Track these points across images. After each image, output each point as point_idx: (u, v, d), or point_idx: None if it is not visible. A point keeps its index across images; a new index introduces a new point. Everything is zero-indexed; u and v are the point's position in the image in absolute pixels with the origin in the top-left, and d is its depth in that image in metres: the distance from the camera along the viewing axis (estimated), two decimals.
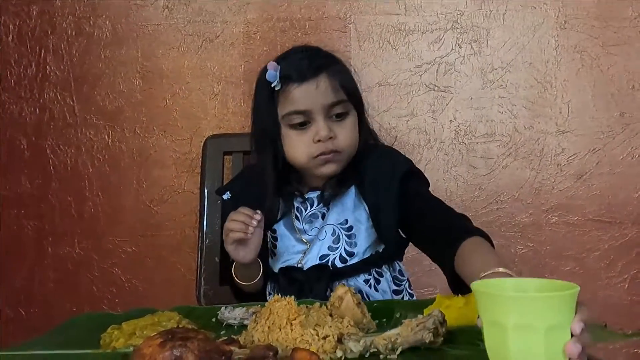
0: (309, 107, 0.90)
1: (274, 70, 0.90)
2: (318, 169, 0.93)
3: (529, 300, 0.48)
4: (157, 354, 0.53)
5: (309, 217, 0.98)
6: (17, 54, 1.45)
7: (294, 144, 0.92)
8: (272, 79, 0.90)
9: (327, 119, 0.91)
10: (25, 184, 1.46)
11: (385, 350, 0.61)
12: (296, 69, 0.90)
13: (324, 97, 0.90)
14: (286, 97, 0.91)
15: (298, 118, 0.91)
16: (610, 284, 1.43)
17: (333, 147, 0.91)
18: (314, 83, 0.90)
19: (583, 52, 1.42)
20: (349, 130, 0.93)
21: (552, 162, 1.44)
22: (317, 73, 0.90)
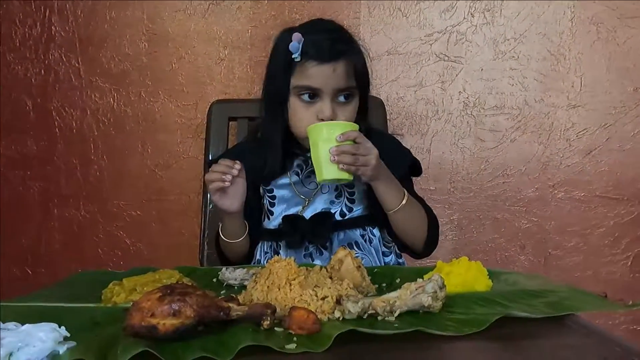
0: (321, 86, 0.94)
1: (298, 43, 0.93)
2: None
3: (313, 127, 0.90)
4: (155, 307, 0.53)
5: (308, 173, 1.01)
6: (21, 14, 1.43)
7: (298, 115, 0.96)
8: (295, 51, 0.93)
9: (333, 100, 0.95)
10: (31, 145, 1.46)
11: (383, 312, 0.61)
12: (318, 48, 0.93)
13: (337, 81, 0.94)
14: (302, 71, 0.95)
15: (308, 94, 0.95)
16: (613, 260, 1.42)
17: None
18: (332, 66, 0.94)
19: (599, 24, 1.38)
20: (349, 113, 0.97)
21: (561, 137, 1.42)
22: (337, 57, 0.94)
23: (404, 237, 0.99)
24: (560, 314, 0.62)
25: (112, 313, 0.63)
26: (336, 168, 0.86)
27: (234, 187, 0.91)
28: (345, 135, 0.87)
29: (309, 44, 0.93)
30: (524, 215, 1.43)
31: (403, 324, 0.59)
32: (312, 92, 0.94)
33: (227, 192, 0.92)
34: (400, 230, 0.98)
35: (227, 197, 0.92)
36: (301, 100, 0.95)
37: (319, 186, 1.01)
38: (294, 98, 0.96)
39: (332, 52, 0.94)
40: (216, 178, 0.90)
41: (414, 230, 0.98)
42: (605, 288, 1.36)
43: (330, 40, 0.95)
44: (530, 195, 1.43)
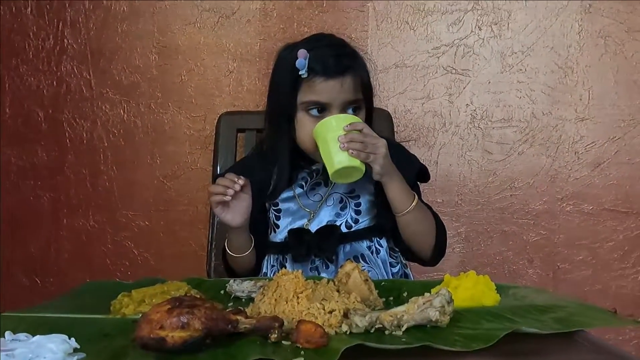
0: (330, 101, 0.95)
1: (304, 59, 0.94)
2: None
3: (321, 123, 0.92)
4: (164, 319, 0.53)
5: (312, 185, 1.02)
6: (35, 27, 1.46)
7: (306, 130, 0.96)
8: (302, 67, 0.94)
9: (341, 112, 0.95)
10: (42, 155, 1.48)
11: (390, 326, 0.61)
12: (325, 63, 0.95)
13: (345, 95, 0.95)
14: (309, 87, 0.95)
15: (316, 110, 0.96)
16: (623, 274, 1.41)
17: None
18: (340, 81, 0.95)
19: (607, 38, 1.39)
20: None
21: (570, 150, 1.41)
22: (343, 72, 0.95)
23: (413, 242, 0.98)
24: (569, 330, 0.62)
25: (121, 324, 0.63)
26: (347, 155, 0.87)
27: (237, 202, 0.91)
28: (352, 125, 0.89)
29: (315, 60, 0.94)
30: (532, 229, 1.42)
31: (410, 338, 0.58)
32: (320, 108, 0.95)
33: (229, 206, 0.91)
34: (409, 235, 0.97)
35: (229, 212, 0.92)
36: (309, 115, 0.96)
37: (323, 198, 1.01)
38: (302, 113, 0.96)
39: (338, 67, 0.95)
40: (219, 191, 0.90)
41: (422, 236, 0.97)
42: (614, 302, 1.35)
43: (336, 55, 0.96)
44: (538, 208, 1.42)
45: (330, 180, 0.99)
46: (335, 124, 0.90)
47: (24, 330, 0.55)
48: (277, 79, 1.00)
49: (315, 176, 1.02)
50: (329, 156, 0.89)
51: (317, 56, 0.95)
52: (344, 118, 0.91)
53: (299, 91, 0.96)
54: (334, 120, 0.91)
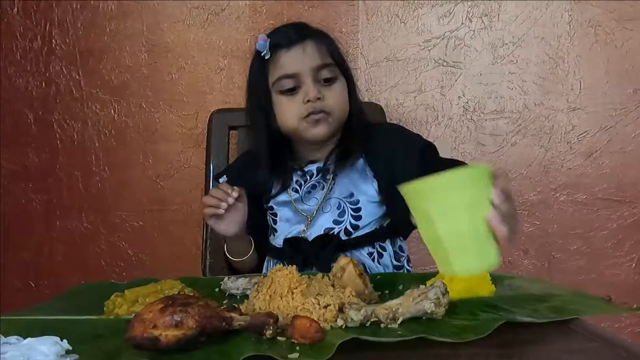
0: (298, 69, 0.93)
1: (263, 41, 0.94)
2: (309, 130, 0.94)
3: (444, 181, 0.49)
4: (157, 318, 0.53)
5: (308, 189, 0.98)
6: (22, 27, 1.44)
7: (284, 109, 0.94)
8: (262, 49, 0.94)
9: (316, 82, 0.93)
10: (33, 157, 1.46)
11: (386, 319, 0.61)
12: (284, 36, 0.95)
13: (311, 59, 0.93)
14: (275, 64, 0.94)
15: (288, 83, 0.93)
16: (617, 263, 1.41)
17: (321, 107, 0.93)
18: (301, 47, 0.93)
19: (597, 27, 1.39)
20: (337, 93, 0.95)
21: (562, 140, 1.42)
22: (303, 38, 0.94)
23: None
24: (564, 319, 0.62)
25: (115, 325, 0.63)
26: (496, 247, 0.53)
27: (231, 213, 0.89)
28: (503, 189, 0.54)
29: (274, 38, 0.94)
30: (526, 219, 1.42)
31: (406, 331, 0.58)
32: (292, 82, 0.93)
33: (223, 217, 0.90)
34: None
35: (223, 222, 0.90)
36: (283, 95, 0.94)
37: (319, 203, 0.97)
38: (276, 96, 0.95)
39: (297, 35, 0.94)
40: (212, 203, 0.88)
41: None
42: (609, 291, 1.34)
43: (293, 28, 0.96)
44: (532, 199, 1.42)
45: (325, 183, 0.96)
46: (468, 185, 0.50)
47: (16, 333, 0.54)
48: (250, 74, 1.00)
49: (309, 179, 0.98)
50: (463, 245, 0.51)
51: (275, 35, 0.95)
52: (475, 171, 0.51)
53: (268, 74, 0.95)
54: (459, 178, 0.50)
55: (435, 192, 0.50)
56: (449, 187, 0.49)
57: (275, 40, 0.94)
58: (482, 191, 0.49)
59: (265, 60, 0.94)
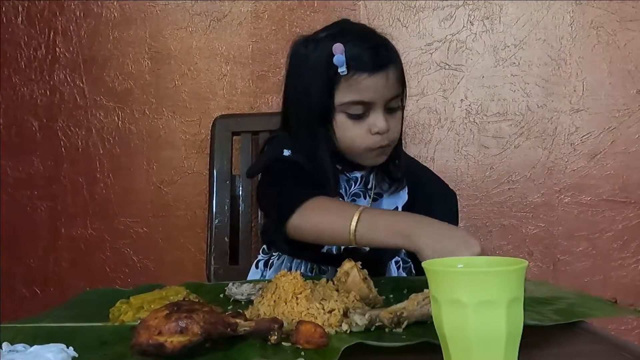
0: (374, 99, 0.87)
1: (342, 54, 0.84)
2: (372, 159, 0.93)
3: (494, 275, 0.46)
4: (162, 325, 0.53)
5: (352, 196, 0.97)
6: (26, 36, 1.45)
7: (349, 134, 0.89)
8: (340, 64, 0.84)
9: (384, 111, 0.89)
10: (38, 165, 1.47)
11: (390, 324, 0.61)
12: (367, 58, 0.85)
13: (390, 90, 0.88)
14: (350, 85, 0.86)
15: (358, 109, 0.87)
16: (623, 264, 1.41)
17: (389, 141, 0.90)
18: (385, 75, 0.87)
19: (599, 28, 1.39)
20: (398, 121, 0.93)
21: (566, 142, 1.41)
22: (388, 64, 0.87)
23: None
24: (570, 321, 0.61)
25: (120, 331, 0.63)
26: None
27: None
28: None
29: (352, 54, 0.84)
30: (530, 221, 1.42)
31: (411, 335, 0.58)
32: (363, 108, 0.87)
33: None
34: None
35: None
36: (349, 116, 0.87)
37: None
38: (341, 116, 0.88)
39: (380, 60, 0.86)
40: None
41: None
42: (615, 293, 1.35)
43: (374, 48, 0.87)
44: (536, 201, 1.42)
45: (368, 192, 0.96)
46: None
47: (22, 341, 0.54)
48: (307, 78, 0.89)
49: (354, 185, 0.96)
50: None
51: (353, 50, 0.85)
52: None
53: (337, 92, 0.87)
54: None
55: (482, 281, 0.45)
56: (498, 281, 0.45)
57: (356, 58, 0.85)
58: (521, 288, 0.46)
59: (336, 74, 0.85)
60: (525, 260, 0.48)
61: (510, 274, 0.46)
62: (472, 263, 0.51)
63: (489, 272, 0.47)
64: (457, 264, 0.51)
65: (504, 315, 0.44)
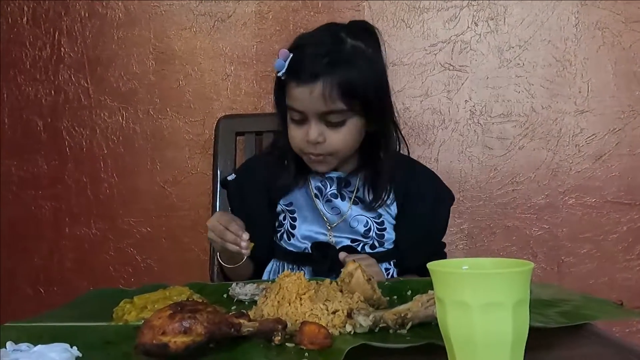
0: (304, 109, 0.89)
1: (283, 60, 0.88)
2: (309, 164, 0.96)
3: (500, 277, 0.45)
4: (166, 325, 0.53)
5: (328, 196, 0.98)
6: (31, 36, 1.46)
7: (291, 134, 0.94)
8: (279, 69, 0.89)
9: (320, 122, 0.89)
10: (42, 165, 1.48)
11: (394, 325, 0.60)
12: (299, 66, 0.88)
13: (317, 104, 0.87)
14: (288, 91, 0.91)
15: (295, 115, 0.91)
16: (628, 266, 1.40)
17: (320, 151, 0.92)
18: (308, 89, 0.87)
19: (604, 29, 1.38)
20: (342, 136, 0.91)
21: (570, 143, 1.41)
22: (314, 78, 0.86)
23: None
24: (575, 324, 0.61)
25: (124, 331, 0.63)
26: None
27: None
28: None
29: (293, 61, 0.88)
30: (535, 223, 1.41)
31: (415, 336, 0.58)
32: (299, 115, 0.90)
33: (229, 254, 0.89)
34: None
35: (227, 256, 0.91)
36: (291, 120, 0.93)
37: (343, 215, 0.97)
38: (288, 117, 0.94)
39: (308, 72, 0.86)
40: (218, 239, 0.87)
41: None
42: (620, 295, 1.34)
43: (311, 56, 0.87)
44: (540, 202, 1.41)
45: (347, 194, 0.97)
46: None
47: (26, 340, 0.54)
48: (275, 78, 0.95)
49: (329, 186, 0.98)
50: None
51: (295, 57, 0.88)
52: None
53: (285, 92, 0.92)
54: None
55: (488, 283, 0.45)
56: (505, 282, 0.45)
57: (291, 64, 0.88)
58: (527, 290, 0.46)
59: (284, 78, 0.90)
60: (531, 262, 0.47)
61: (516, 275, 0.45)
62: (477, 265, 0.51)
63: (495, 274, 0.47)
64: (463, 265, 0.51)
65: (510, 317, 0.44)
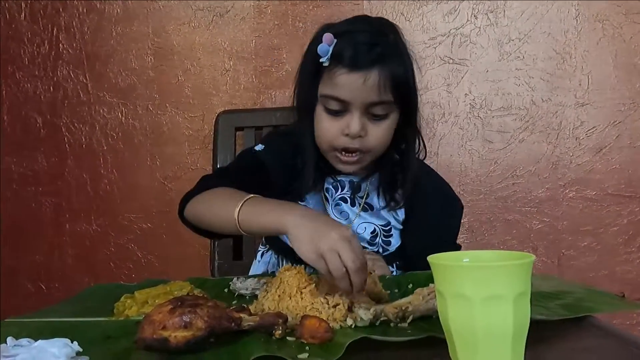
0: (350, 99, 0.82)
1: (328, 45, 0.80)
2: (336, 163, 0.89)
3: (501, 270, 0.45)
4: (166, 320, 0.53)
5: (337, 200, 0.95)
6: (30, 32, 1.45)
7: (323, 128, 0.86)
8: (324, 54, 0.81)
9: (363, 115, 0.83)
10: (42, 161, 1.47)
11: (395, 318, 0.60)
12: (351, 52, 0.81)
13: (368, 94, 0.82)
14: (330, 78, 0.83)
15: (335, 105, 0.84)
16: (628, 259, 1.40)
17: (359, 146, 0.85)
18: (363, 76, 0.81)
19: (605, 21, 1.37)
20: (383, 131, 0.86)
21: (571, 136, 1.40)
22: (370, 65, 0.81)
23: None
24: (577, 316, 0.61)
25: (124, 326, 0.63)
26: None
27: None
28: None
29: (341, 48, 0.80)
30: (535, 216, 1.41)
31: (416, 329, 0.58)
32: (339, 105, 0.83)
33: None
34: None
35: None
36: (327, 110, 0.84)
37: (351, 220, 0.93)
38: (320, 108, 0.86)
39: (365, 58, 0.80)
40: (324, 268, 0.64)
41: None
42: (621, 287, 1.34)
43: (365, 44, 0.81)
44: (541, 196, 1.41)
45: (357, 200, 0.93)
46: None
47: (27, 336, 0.54)
48: (302, 65, 0.88)
49: (340, 190, 0.94)
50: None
51: (344, 43, 0.80)
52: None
53: (320, 82, 0.84)
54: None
55: (489, 275, 0.45)
56: (505, 275, 0.45)
57: (340, 51, 0.80)
58: (528, 283, 0.46)
59: (321, 64, 0.82)
60: (532, 254, 0.47)
61: (517, 268, 0.45)
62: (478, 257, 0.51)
63: (496, 267, 0.46)
64: (463, 258, 0.51)
65: (511, 310, 0.44)
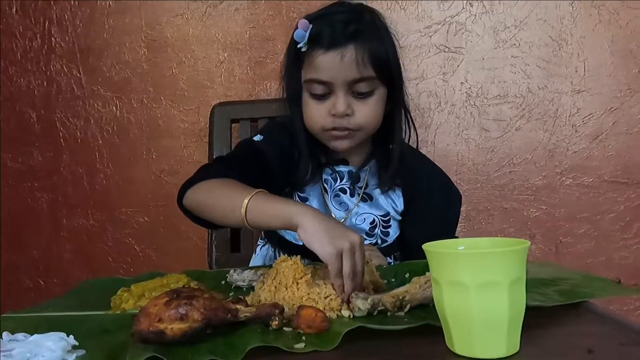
0: (331, 78, 0.83)
1: (304, 30, 0.81)
2: (329, 142, 0.89)
3: (495, 256, 0.45)
4: (162, 312, 0.53)
5: (337, 191, 0.94)
6: (21, 27, 1.44)
7: (310, 112, 0.87)
8: (300, 40, 0.82)
9: (348, 94, 0.84)
10: (37, 157, 1.47)
11: (393, 308, 0.60)
12: (326, 32, 0.81)
13: (347, 71, 0.82)
14: (310, 63, 0.83)
15: (318, 88, 0.84)
16: (625, 245, 1.40)
17: (347, 125, 0.85)
18: (339, 53, 0.81)
19: (600, 7, 1.37)
20: (370, 108, 0.86)
21: (567, 123, 1.40)
22: (346, 41, 0.81)
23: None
24: (574, 302, 0.61)
25: (121, 319, 0.63)
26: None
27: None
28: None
29: (317, 30, 0.81)
30: (532, 204, 1.41)
31: (413, 318, 0.58)
32: (323, 88, 0.83)
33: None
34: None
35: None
36: (312, 95, 0.85)
37: (349, 210, 0.93)
38: (306, 94, 0.86)
39: (339, 36, 0.81)
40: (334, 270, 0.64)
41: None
42: (618, 273, 1.34)
43: (340, 22, 0.82)
44: (538, 184, 1.41)
45: (356, 191, 0.93)
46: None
47: (23, 331, 0.54)
48: (286, 56, 0.89)
49: (339, 180, 0.94)
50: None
51: (320, 25, 0.81)
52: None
53: (303, 69, 0.85)
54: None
55: (484, 262, 0.45)
56: (500, 261, 0.45)
57: (316, 33, 0.81)
58: (523, 268, 0.46)
59: (300, 51, 0.83)
60: (527, 240, 0.47)
61: (512, 254, 0.45)
62: (473, 245, 0.51)
63: (491, 253, 0.46)
64: (458, 245, 0.51)
65: (506, 296, 0.44)
